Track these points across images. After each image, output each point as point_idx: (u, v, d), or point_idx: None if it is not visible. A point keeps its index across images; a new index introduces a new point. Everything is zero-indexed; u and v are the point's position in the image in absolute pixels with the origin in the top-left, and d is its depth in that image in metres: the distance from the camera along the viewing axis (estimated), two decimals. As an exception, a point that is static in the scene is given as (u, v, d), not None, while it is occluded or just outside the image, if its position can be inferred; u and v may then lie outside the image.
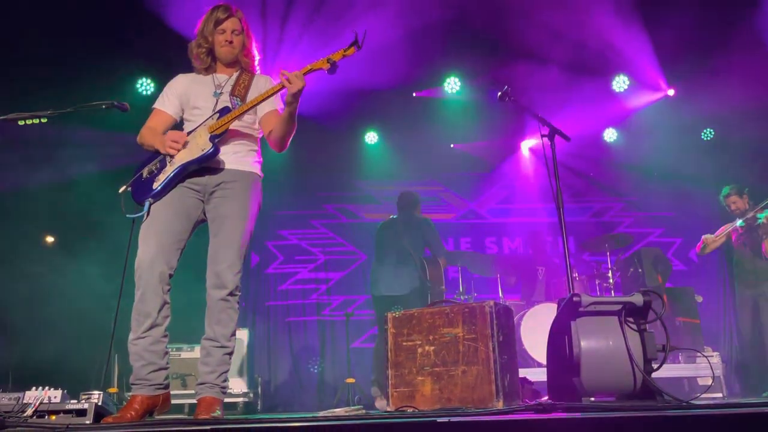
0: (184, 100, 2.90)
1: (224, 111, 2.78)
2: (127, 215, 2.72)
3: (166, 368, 2.68)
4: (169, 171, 2.72)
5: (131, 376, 2.65)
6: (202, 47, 2.89)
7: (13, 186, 5.78)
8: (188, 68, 3.00)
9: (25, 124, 2.80)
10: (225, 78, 2.92)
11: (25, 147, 5.72)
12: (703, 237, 5.63)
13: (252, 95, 2.85)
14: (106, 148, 5.84)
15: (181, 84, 2.93)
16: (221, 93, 2.86)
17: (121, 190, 2.76)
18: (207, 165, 2.75)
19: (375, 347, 5.51)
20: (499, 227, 8.04)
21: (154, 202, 2.71)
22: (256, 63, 2.99)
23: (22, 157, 5.79)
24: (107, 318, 5.59)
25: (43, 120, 2.80)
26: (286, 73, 2.62)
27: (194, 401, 2.70)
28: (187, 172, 2.74)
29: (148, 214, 2.70)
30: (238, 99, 2.82)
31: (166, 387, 2.69)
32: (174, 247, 2.70)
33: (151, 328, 2.61)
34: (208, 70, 2.93)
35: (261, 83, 2.93)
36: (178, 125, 2.94)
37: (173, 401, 2.85)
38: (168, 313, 2.68)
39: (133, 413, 2.52)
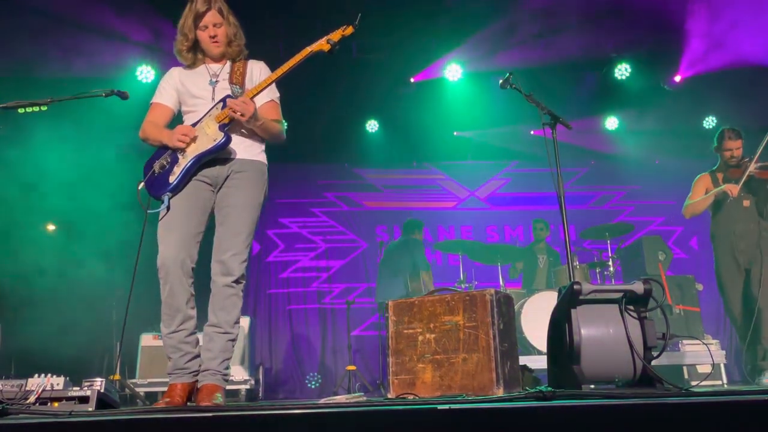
0: (182, 92, 2.87)
1: (225, 99, 2.76)
2: (149, 211, 2.71)
3: (199, 355, 2.72)
4: (183, 164, 2.71)
5: (169, 366, 2.68)
6: (184, 44, 2.84)
7: (17, 173, 5.78)
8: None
9: (25, 111, 2.80)
10: (219, 67, 2.89)
11: (26, 135, 5.72)
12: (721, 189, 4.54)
13: (248, 82, 2.84)
14: (106, 137, 5.85)
15: (176, 76, 2.90)
16: (217, 81, 2.84)
17: (139, 187, 2.75)
18: (219, 155, 2.74)
19: None
20: (501, 215, 8.04)
21: (172, 196, 2.70)
22: (243, 44, 2.92)
23: (23, 145, 5.79)
24: (109, 306, 5.65)
25: (43, 108, 2.79)
26: (233, 106, 2.64)
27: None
28: (201, 163, 2.73)
29: (168, 209, 2.69)
30: (237, 86, 2.79)
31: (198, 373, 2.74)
32: (194, 240, 2.72)
33: (184, 321, 2.66)
34: (196, 63, 2.89)
35: (256, 70, 2.92)
36: (177, 117, 2.92)
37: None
38: (194, 304, 2.73)
39: (179, 399, 2.60)
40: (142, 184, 2.76)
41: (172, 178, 2.71)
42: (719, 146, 4.65)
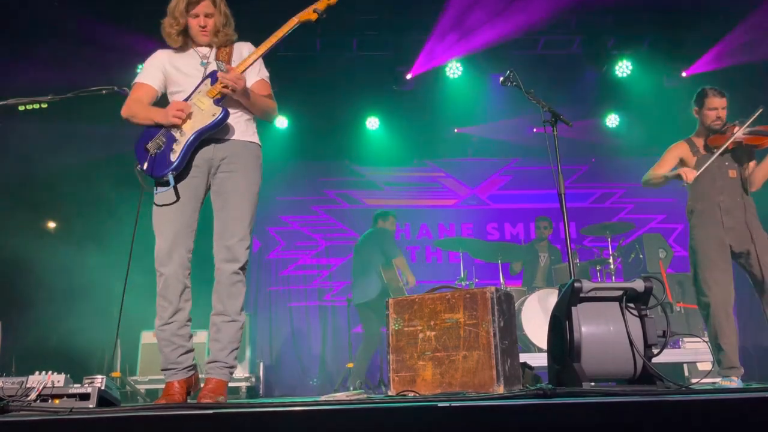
0: (170, 72, 2.82)
1: (214, 75, 2.73)
2: (156, 195, 2.66)
3: (192, 350, 2.72)
4: (183, 141, 2.65)
5: (162, 361, 2.67)
6: (174, 28, 2.79)
7: (16, 172, 5.78)
8: None
9: (26, 109, 2.79)
10: (207, 50, 2.87)
11: (26, 134, 5.71)
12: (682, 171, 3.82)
13: (236, 61, 2.82)
14: (107, 134, 5.84)
15: (164, 58, 2.86)
16: (208, 63, 2.82)
17: (137, 168, 2.67)
18: (214, 135, 2.72)
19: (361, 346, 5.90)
20: (501, 213, 8.05)
21: (176, 175, 2.65)
22: (232, 32, 2.88)
23: (23, 145, 5.78)
24: (110, 303, 5.65)
25: (43, 105, 2.79)
26: (224, 79, 2.63)
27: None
28: (201, 139, 2.69)
29: (175, 189, 2.65)
30: (223, 63, 2.78)
31: (195, 368, 2.74)
32: (189, 230, 2.70)
33: (175, 313, 2.65)
34: (184, 47, 2.86)
35: (244, 49, 2.90)
36: (160, 99, 2.87)
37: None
38: (189, 297, 2.70)
39: (178, 397, 2.60)
40: (145, 165, 2.65)
41: (174, 156, 2.65)
42: (701, 106, 3.92)
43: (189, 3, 2.75)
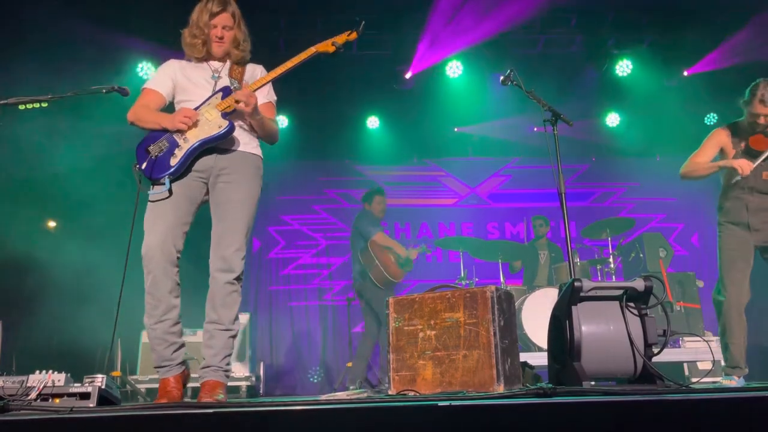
0: (180, 81, 2.86)
1: (226, 90, 2.78)
2: (150, 193, 2.68)
3: (184, 345, 2.74)
4: (186, 147, 2.69)
5: (155, 359, 2.67)
6: (198, 38, 2.84)
7: (16, 171, 5.78)
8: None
9: (26, 108, 2.79)
10: (220, 65, 2.92)
11: (27, 133, 5.72)
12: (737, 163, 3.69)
13: (249, 80, 2.88)
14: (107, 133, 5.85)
15: (175, 67, 2.91)
16: (219, 77, 2.87)
17: (135, 168, 2.69)
18: (218, 145, 2.75)
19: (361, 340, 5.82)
20: (501, 212, 8.05)
21: (173, 180, 2.68)
22: (249, 51, 2.95)
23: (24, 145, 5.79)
24: (111, 302, 5.65)
25: (44, 104, 2.79)
26: (239, 96, 2.68)
27: (197, 384, 2.73)
28: (203, 149, 2.72)
29: (170, 192, 2.67)
30: (236, 81, 2.83)
31: (185, 363, 2.75)
32: (180, 230, 2.71)
33: (167, 311, 2.65)
34: (201, 59, 2.90)
35: (257, 71, 2.97)
36: (167, 107, 2.90)
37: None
38: (179, 294, 2.71)
39: (176, 392, 2.62)
40: (144, 165, 2.67)
41: (174, 161, 2.68)
42: (748, 103, 3.73)
43: (211, 14, 2.81)
